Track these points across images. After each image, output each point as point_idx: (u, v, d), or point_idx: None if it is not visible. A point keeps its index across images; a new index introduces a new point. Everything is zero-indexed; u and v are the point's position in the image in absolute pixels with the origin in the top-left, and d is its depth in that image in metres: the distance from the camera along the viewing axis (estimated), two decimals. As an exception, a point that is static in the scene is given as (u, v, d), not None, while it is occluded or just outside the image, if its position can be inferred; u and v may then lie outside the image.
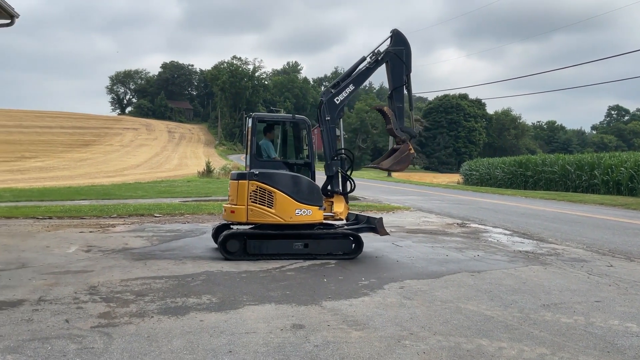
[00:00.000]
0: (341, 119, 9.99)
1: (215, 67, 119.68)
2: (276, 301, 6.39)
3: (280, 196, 8.93)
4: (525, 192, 31.45)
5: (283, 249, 9.08)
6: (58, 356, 4.49)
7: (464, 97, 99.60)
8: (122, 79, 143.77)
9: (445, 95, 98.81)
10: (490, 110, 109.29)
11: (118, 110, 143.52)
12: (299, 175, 9.29)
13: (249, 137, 9.38)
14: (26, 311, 5.77)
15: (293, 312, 5.96)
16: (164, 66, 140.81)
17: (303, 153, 9.83)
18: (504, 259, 9.51)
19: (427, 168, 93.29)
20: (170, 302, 6.28)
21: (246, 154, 9.60)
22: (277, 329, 5.31)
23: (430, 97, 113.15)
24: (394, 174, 57.67)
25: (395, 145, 10.42)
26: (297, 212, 8.99)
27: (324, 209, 9.47)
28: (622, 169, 28.26)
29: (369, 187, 35.31)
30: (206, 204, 18.44)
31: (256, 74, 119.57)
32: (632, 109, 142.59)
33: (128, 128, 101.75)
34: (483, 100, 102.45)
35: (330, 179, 9.75)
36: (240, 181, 9.06)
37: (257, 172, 8.98)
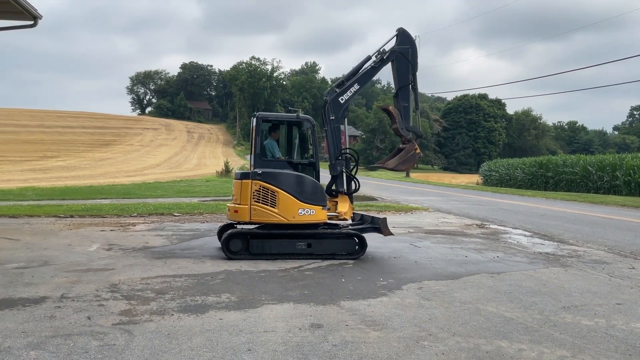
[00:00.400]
0: (346, 119, 9.93)
1: (234, 68, 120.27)
2: (295, 300, 6.41)
3: (283, 196, 8.92)
4: (545, 193, 31.12)
5: (286, 248, 9.07)
6: (80, 352, 4.56)
7: (483, 97, 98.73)
8: (142, 79, 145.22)
9: (465, 95, 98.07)
10: (510, 110, 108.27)
11: (138, 111, 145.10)
12: (302, 174, 9.27)
13: (253, 136, 9.39)
14: (49, 308, 5.87)
15: (311, 311, 5.97)
16: (184, 67, 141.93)
17: (308, 153, 9.80)
18: (524, 261, 9.43)
19: (446, 168, 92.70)
20: (190, 300, 6.33)
21: (250, 154, 9.60)
22: (296, 328, 5.33)
23: (449, 97, 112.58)
24: (412, 175, 57.51)
25: (401, 145, 10.35)
26: (300, 211, 8.97)
27: (328, 209, 9.45)
28: (645, 170, 27.84)
29: (387, 187, 35.22)
30: (225, 204, 18.48)
31: (274, 74, 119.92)
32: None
33: (148, 128, 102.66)
34: (503, 100, 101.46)
35: (335, 178, 9.73)
36: (243, 181, 9.06)
37: (260, 172, 8.97)
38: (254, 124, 9.41)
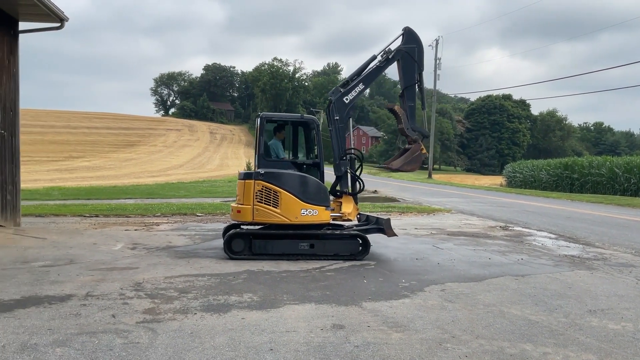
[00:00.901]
0: (350, 118, 9.87)
1: (256, 69, 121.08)
2: (316, 301, 6.41)
3: (285, 196, 8.88)
4: (571, 195, 30.66)
5: (288, 249, 9.03)
6: (105, 350, 4.61)
7: (507, 97, 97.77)
8: (165, 80, 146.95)
9: (488, 96, 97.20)
10: (535, 111, 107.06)
11: (162, 112, 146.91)
12: (305, 175, 9.20)
13: (257, 136, 9.38)
14: (74, 306, 5.95)
15: (333, 312, 5.97)
16: (207, 68, 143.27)
17: (312, 153, 9.75)
18: (549, 263, 9.29)
19: (469, 170, 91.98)
20: (212, 299, 6.37)
21: (255, 154, 9.56)
22: (317, 329, 5.33)
23: (473, 97, 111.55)
24: (434, 176, 57.11)
25: (406, 145, 10.25)
26: (302, 212, 8.93)
27: (332, 210, 9.40)
28: (674, 171, 27.26)
29: (409, 188, 35.05)
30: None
31: (296, 75, 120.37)
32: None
33: (171, 129, 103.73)
34: (527, 101, 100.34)
35: (339, 179, 9.67)
36: (246, 181, 9.03)
37: (262, 172, 8.94)
38: (258, 124, 9.41)
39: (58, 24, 12.22)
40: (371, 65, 9.94)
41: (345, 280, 7.63)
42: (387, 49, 9.93)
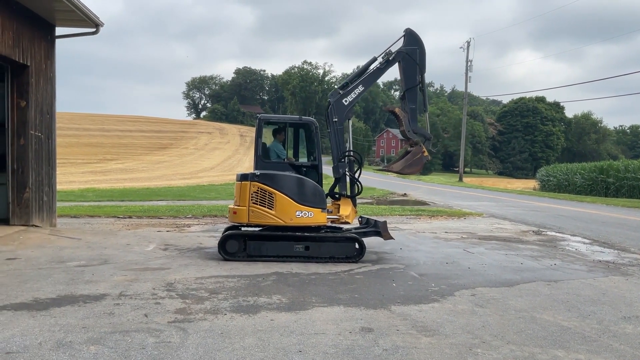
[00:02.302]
0: (350, 120, 9.84)
1: (286, 72, 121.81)
2: (345, 304, 6.41)
3: (280, 197, 8.87)
4: (606, 200, 30.00)
5: (283, 250, 9.02)
6: (137, 349, 4.70)
7: (541, 100, 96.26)
8: (197, 84, 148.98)
9: (521, 98, 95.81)
10: (569, 113, 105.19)
11: (193, 115, 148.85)
12: (301, 177, 9.18)
13: (255, 138, 9.41)
14: (108, 305, 6.08)
15: (362, 315, 5.96)
16: (237, 72, 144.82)
17: (312, 155, 9.73)
18: (583, 269, 9.12)
19: (501, 173, 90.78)
20: (242, 300, 6.43)
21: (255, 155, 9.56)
22: (346, 332, 5.33)
23: (505, 100, 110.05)
24: (465, 179, 56.51)
25: (408, 148, 10.15)
26: (297, 214, 8.91)
27: (330, 212, 9.37)
28: None
29: (440, 192, 34.76)
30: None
31: (326, 78, 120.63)
32: None
33: (202, 132, 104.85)
34: (562, 104, 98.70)
35: (337, 181, 9.61)
36: (242, 182, 9.05)
37: (258, 173, 8.95)
38: (257, 125, 9.46)
39: (93, 29, 12.51)
40: (372, 67, 9.92)
41: (374, 283, 7.62)
42: (387, 51, 9.89)
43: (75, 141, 71.68)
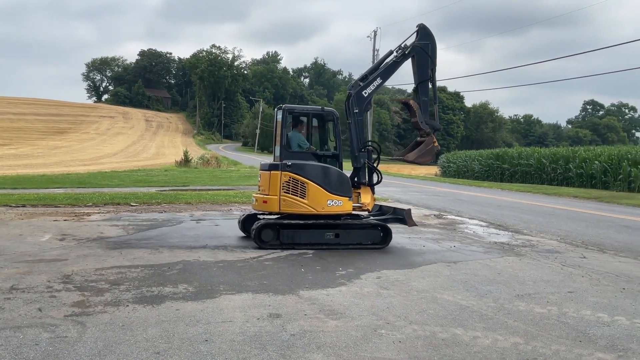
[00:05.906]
0: (369, 112, 10.04)
1: (194, 56, 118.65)
2: (253, 290, 6.37)
3: (313, 187, 9.10)
4: (501, 185, 31.80)
5: (315, 238, 9.24)
6: (30, 345, 4.42)
7: (442, 89, 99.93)
8: (98, 66, 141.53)
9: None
10: (468, 103, 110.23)
11: (94, 98, 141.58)
12: (329, 166, 9.44)
13: (279, 129, 9.48)
14: (-3, 300, 5.67)
15: (270, 301, 5.95)
16: (142, 54, 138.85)
17: (334, 144, 9.94)
18: (480, 250, 9.61)
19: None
20: (145, 291, 6.22)
21: (274, 145, 9.77)
22: (254, 318, 5.30)
23: (409, 89, 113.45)
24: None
25: (419, 138, 10.51)
26: (329, 202, 9.17)
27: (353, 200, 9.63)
28: (596, 162, 28.67)
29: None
30: (183, 194, 18.30)
31: (235, 64, 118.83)
32: (606, 104, 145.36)
33: (104, 116, 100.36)
34: (461, 93, 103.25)
35: (357, 170, 9.88)
36: (272, 172, 9.17)
37: (289, 163, 9.11)
38: (279, 116, 9.54)
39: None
40: (387, 60, 10.18)
41: (283, 269, 7.63)
42: (402, 45, 10.18)
43: (-40, 124, 66.32)
